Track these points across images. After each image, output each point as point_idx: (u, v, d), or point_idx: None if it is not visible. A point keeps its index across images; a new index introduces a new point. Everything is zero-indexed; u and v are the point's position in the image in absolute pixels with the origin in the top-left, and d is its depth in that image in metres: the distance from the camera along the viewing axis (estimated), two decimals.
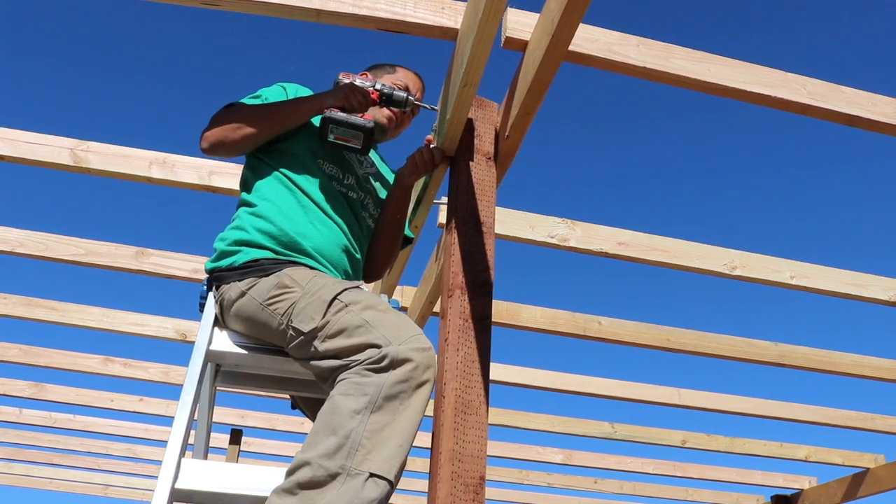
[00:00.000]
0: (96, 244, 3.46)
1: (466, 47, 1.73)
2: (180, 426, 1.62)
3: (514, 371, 4.46)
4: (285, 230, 1.85)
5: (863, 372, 4.06)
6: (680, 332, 3.88)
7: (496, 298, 3.47)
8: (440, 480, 1.61)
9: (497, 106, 2.10)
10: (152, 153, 2.92)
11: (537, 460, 5.79)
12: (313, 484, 1.43)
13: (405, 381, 1.51)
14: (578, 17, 1.65)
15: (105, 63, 10.71)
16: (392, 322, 1.61)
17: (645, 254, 3.18)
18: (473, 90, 1.82)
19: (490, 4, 1.56)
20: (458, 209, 1.91)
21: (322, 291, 1.69)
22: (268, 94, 2.01)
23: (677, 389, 4.65)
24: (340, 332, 1.61)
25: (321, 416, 1.51)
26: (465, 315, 1.78)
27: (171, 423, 1.62)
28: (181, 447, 1.59)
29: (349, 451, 1.44)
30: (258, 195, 1.92)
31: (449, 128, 1.93)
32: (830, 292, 3.36)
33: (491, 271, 1.87)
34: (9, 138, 2.85)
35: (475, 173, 1.97)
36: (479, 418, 1.68)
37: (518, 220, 3.07)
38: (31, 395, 5.23)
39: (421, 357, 1.54)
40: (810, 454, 5.49)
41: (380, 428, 1.47)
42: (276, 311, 1.72)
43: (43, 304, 4.11)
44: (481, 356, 1.75)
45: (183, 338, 4.18)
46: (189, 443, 1.67)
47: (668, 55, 2.04)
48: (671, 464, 5.89)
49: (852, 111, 2.17)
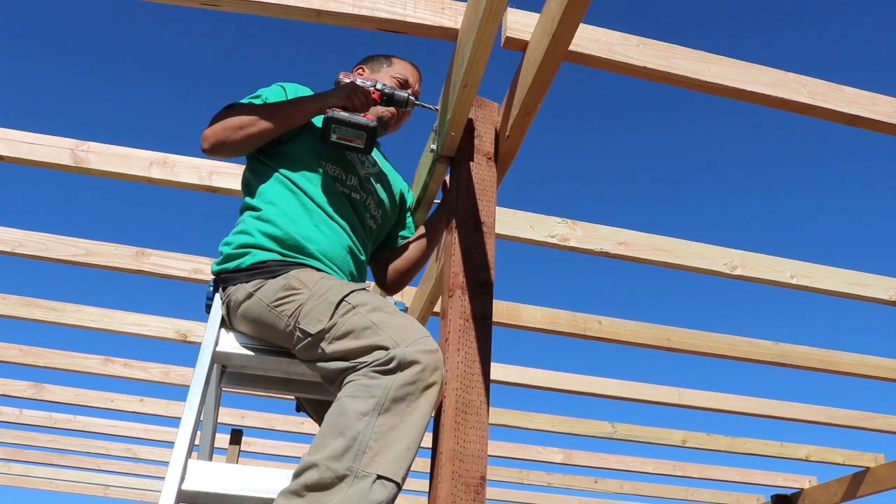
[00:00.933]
0: (96, 244, 3.46)
1: (466, 48, 1.73)
2: (187, 427, 1.62)
3: (514, 371, 4.46)
4: (290, 234, 1.85)
5: (863, 371, 4.06)
6: (680, 331, 3.88)
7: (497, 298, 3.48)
8: (441, 480, 1.61)
9: (497, 106, 2.10)
10: (152, 153, 2.92)
11: (538, 460, 5.79)
12: (321, 486, 1.42)
13: (413, 384, 1.51)
14: (579, 17, 1.64)
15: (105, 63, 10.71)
16: (399, 324, 1.61)
17: (645, 253, 3.18)
18: (474, 90, 1.82)
19: (490, 5, 1.55)
20: (458, 209, 1.91)
21: (329, 293, 1.69)
22: (267, 94, 2.00)
23: (678, 389, 4.65)
24: (348, 333, 1.61)
25: (328, 418, 1.51)
26: (465, 315, 1.78)
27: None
28: (188, 448, 1.59)
29: (357, 453, 1.44)
30: (262, 199, 1.91)
31: (449, 128, 1.93)
32: (831, 292, 3.36)
33: (491, 271, 1.86)
34: (8, 139, 2.84)
35: (475, 173, 1.97)
36: (479, 418, 1.68)
37: (518, 220, 3.07)
38: (30, 396, 5.23)
39: (428, 359, 1.54)
40: (811, 453, 5.49)
41: (387, 430, 1.47)
42: (284, 312, 1.71)
43: (42, 304, 4.10)
44: (482, 356, 1.75)
45: (183, 338, 4.17)
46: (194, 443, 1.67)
47: (668, 55, 2.04)
48: (671, 463, 5.89)
49: (853, 111, 2.17)
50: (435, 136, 2.11)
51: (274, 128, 1.91)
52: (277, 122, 1.91)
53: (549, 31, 1.71)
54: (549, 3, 1.76)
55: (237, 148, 1.91)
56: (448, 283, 1.85)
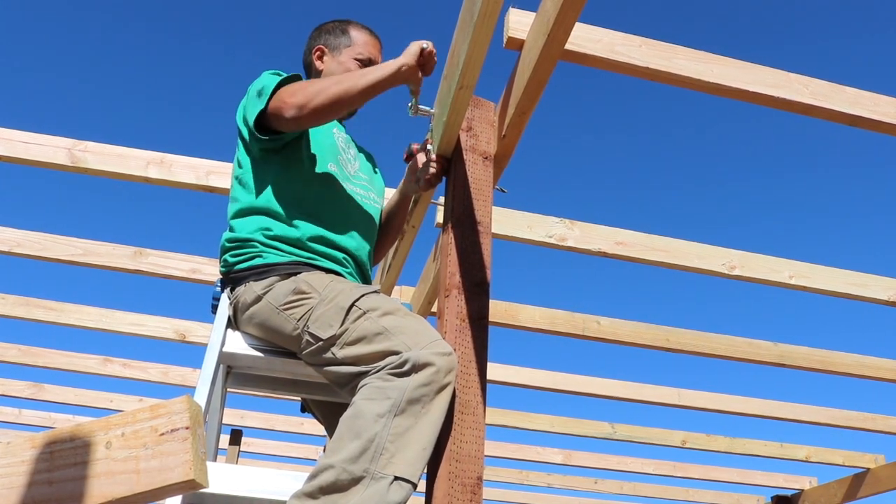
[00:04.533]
0: (94, 244, 3.46)
1: (462, 49, 1.72)
2: None
3: (513, 371, 4.45)
4: (300, 233, 1.84)
5: (863, 372, 4.06)
6: (679, 332, 3.87)
7: (495, 298, 3.49)
8: (437, 480, 1.61)
9: (494, 105, 2.09)
10: (149, 153, 2.92)
11: (537, 460, 5.79)
12: (336, 488, 1.42)
13: (427, 385, 1.52)
14: (574, 16, 1.64)
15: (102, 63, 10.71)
16: (412, 328, 1.61)
17: (644, 254, 3.18)
18: (470, 92, 1.81)
19: (485, 6, 1.54)
20: (454, 209, 1.90)
21: (339, 298, 1.68)
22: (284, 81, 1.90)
23: (677, 389, 4.65)
24: (360, 339, 1.60)
25: (344, 422, 1.51)
26: (461, 315, 1.77)
27: None
28: None
29: (374, 455, 1.44)
30: (269, 199, 1.88)
31: (446, 129, 1.92)
32: (830, 292, 3.35)
33: (488, 271, 1.86)
34: (5, 138, 2.85)
35: (472, 173, 1.96)
36: (476, 418, 1.67)
37: (516, 220, 3.07)
38: (30, 396, 5.23)
39: (442, 361, 1.55)
40: (811, 454, 5.48)
41: (403, 431, 1.47)
42: (293, 315, 1.71)
43: (41, 304, 4.11)
44: (478, 356, 1.74)
45: (182, 338, 4.17)
46: None
47: (670, 55, 2.03)
48: (671, 464, 5.88)
49: (855, 111, 2.17)
50: (431, 137, 2.10)
51: (363, 97, 1.82)
52: (366, 92, 1.81)
53: (545, 31, 1.71)
54: (545, 2, 1.76)
55: (324, 118, 1.82)
56: (444, 283, 1.84)
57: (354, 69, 2.03)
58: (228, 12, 11.12)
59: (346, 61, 2.07)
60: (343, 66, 2.06)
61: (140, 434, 0.94)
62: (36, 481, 0.93)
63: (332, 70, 2.06)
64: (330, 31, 2.13)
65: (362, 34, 2.12)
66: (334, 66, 2.07)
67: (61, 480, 0.93)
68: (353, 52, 2.08)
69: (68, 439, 0.95)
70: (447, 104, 1.87)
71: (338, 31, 2.12)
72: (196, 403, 0.97)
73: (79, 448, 0.94)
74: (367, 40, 2.11)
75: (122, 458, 0.93)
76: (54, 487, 0.92)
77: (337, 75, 1.90)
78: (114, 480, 0.92)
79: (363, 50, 2.09)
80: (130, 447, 0.94)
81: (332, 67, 2.07)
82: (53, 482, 0.93)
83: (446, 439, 1.62)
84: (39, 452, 0.94)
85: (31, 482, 0.93)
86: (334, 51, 2.09)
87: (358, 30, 2.12)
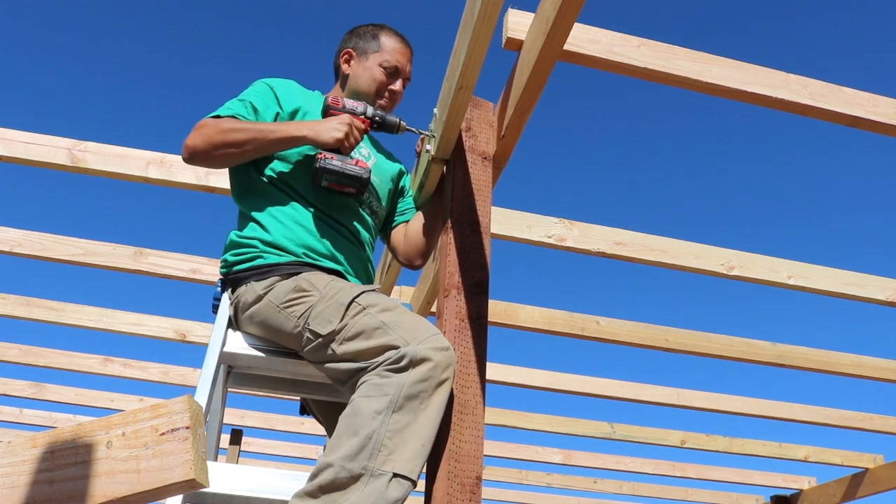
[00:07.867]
0: (94, 244, 3.46)
1: (462, 50, 1.73)
2: None
3: (512, 371, 4.46)
4: (300, 237, 1.84)
5: (861, 372, 4.06)
6: (678, 332, 3.88)
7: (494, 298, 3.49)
8: (437, 480, 1.62)
9: (493, 105, 2.10)
10: (150, 153, 2.93)
11: (536, 460, 5.79)
12: (336, 486, 1.43)
13: (425, 381, 1.52)
14: (573, 17, 1.64)
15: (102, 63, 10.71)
16: (410, 323, 1.61)
17: (642, 254, 3.18)
18: (469, 93, 1.81)
19: (485, 7, 1.55)
20: (453, 209, 1.91)
21: (340, 295, 1.69)
22: (253, 99, 1.91)
23: (676, 389, 4.66)
24: (359, 334, 1.61)
25: (343, 420, 1.51)
26: (461, 315, 1.78)
27: None
28: None
29: (372, 452, 1.44)
30: (267, 204, 1.89)
31: (445, 129, 1.93)
32: (828, 292, 3.36)
33: (487, 271, 1.86)
34: (6, 138, 2.85)
35: (471, 173, 1.97)
36: (475, 418, 1.68)
37: (515, 220, 3.07)
38: (31, 395, 5.24)
39: (440, 356, 1.55)
40: (809, 454, 5.49)
41: (401, 427, 1.48)
42: (293, 313, 1.71)
43: (42, 303, 4.11)
44: (477, 356, 1.75)
45: (182, 338, 4.18)
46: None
47: (669, 56, 2.04)
48: (670, 464, 5.89)
49: (853, 112, 2.17)
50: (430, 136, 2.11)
51: (256, 152, 1.85)
52: (262, 148, 1.84)
53: (544, 31, 1.71)
54: (544, 3, 1.76)
55: (216, 164, 1.89)
56: (444, 283, 1.85)
57: (379, 76, 2.04)
58: (228, 12, 11.11)
59: (371, 67, 2.05)
60: (368, 72, 2.04)
61: (141, 434, 0.95)
62: (37, 481, 0.93)
63: (358, 75, 2.05)
64: (361, 34, 2.10)
65: (392, 41, 2.08)
66: (360, 71, 2.06)
67: (62, 480, 0.93)
68: (380, 59, 2.05)
69: (69, 439, 0.95)
70: (447, 105, 1.87)
71: (368, 36, 2.09)
72: (196, 403, 0.97)
73: (80, 447, 0.95)
74: (396, 48, 2.08)
75: (122, 457, 0.94)
76: (55, 487, 0.93)
77: (251, 123, 1.86)
78: (115, 480, 0.93)
79: (390, 57, 2.06)
80: (131, 447, 0.94)
81: (358, 72, 2.06)
82: (54, 481, 0.93)
83: (446, 439, 1.63)
84: (41, 452, 0.95)
85: (33, 481, 0.93)
86: (362, 56, 2.07)
87: (389, 36, 2.09)
